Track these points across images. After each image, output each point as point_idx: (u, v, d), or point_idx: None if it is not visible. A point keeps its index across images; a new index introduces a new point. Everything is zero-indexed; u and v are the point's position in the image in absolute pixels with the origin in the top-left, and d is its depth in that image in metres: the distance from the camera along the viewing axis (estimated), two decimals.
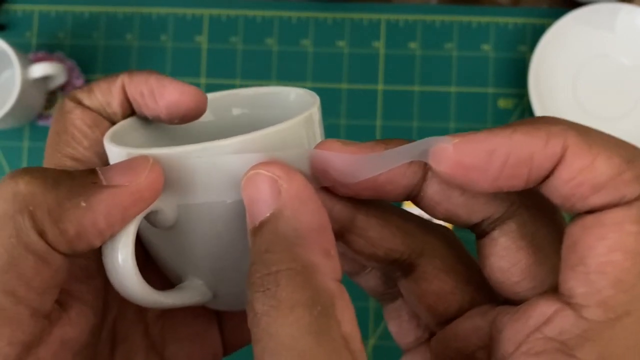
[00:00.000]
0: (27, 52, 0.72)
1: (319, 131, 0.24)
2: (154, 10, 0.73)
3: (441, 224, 0.24)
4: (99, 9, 0.73)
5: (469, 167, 0.19)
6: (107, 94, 0.25)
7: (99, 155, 0.25)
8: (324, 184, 0.21)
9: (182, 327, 0.27)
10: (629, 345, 0.18)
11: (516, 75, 0.71)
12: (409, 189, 0.21)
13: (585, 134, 0.19)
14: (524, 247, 0.21)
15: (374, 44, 0.72)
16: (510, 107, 0.71)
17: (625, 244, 0.18)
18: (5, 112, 0.63)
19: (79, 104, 0.25)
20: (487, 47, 0.72)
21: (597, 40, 0.70)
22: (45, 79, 0.68)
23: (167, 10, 0.73)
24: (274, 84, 0.73)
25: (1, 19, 0.73)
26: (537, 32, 0.71)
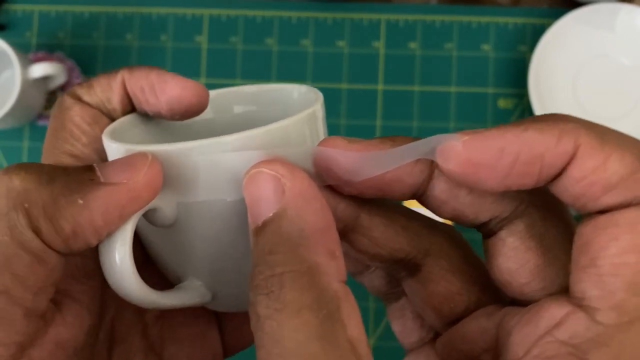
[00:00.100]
0: (27, 52, 0.72)
1: (323, 128, 0.23)
2: (154, 10, 0.73)
3: (444, 222, 0.24)
4: (99, 9, 0.73)
5: (478, 165, 0.19)
6: (107, 89, 0.25)
7: (98, 152, 0.24)
8: (327, 182, 0.21)
9: (181, 329, 0.27)
10: None
11: (516, 75, 0.71)
12: (415, 187, 0.21)
13: (597, 132, 0.18)
14: (532, 247, 0.20)
15: (374, 44, 0.72)
16: (510, 107, 0.71)
17: (639, 245, 0.18)
18: (5, 112, 0.63)
19: (79, 100, 0.25)
20: (487, 47, 0.72)
21: (597, 40, 0.70)
22: (45, 79, 0.68)
23: (167, 10, 0.73)
24: (274, 83, 0.72)
25: (1, 19, 0.73)
26: (537, 32, 0.71)
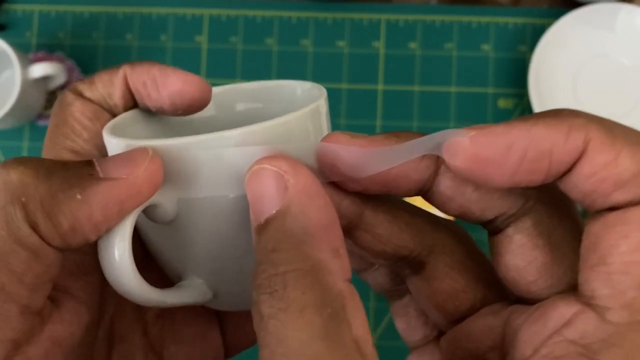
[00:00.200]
0: (27, 52, 0.72)
1: (326, 124, 0.23)
2: (154, 10, 0.73)
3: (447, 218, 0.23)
4: (99, 9, 0.73)
5: (486, 161, 0.18)
6: (108, 85, 0.24)
7: (99, 148, 0.24)
8: (331, 178, 0.21)
9: (181, 328, 0.26)
10: None
11: (516, 75, 0.71)
12: (421, 183, 0.20)
13: (608, 128, 0.18)
14: (540, 244, 0.20)
15: (374, 44, 0.72)
16: (510, 107, 0.71)
17: None
18: (5, 112, 0.63)
19: (80, 95, 0.24)
20: (487, 47, 0.72)
21: (597, 40, 0.70)
22: (45, 79, 0.68)
23: (167, 10, 0.73)
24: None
25: (1, 19, 0.73)
26: (537, 32, 0.71)
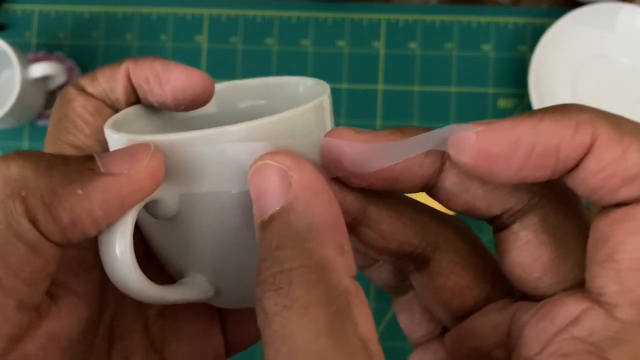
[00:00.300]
0: (27, 52, 0.72)
1: (330, 120, 0.23)
2: (154, 10, 0.73)
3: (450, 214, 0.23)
4: (99, 9, 0.73)
5: (492, 157, 0.18)
6: (110, 80, 0.24)
7: (101, 143, 0.24)
8: (334, 174, 0.20)
9: (183, 326, 0.26)
10: None
11: (516, 75, 0.71)
12: (426, 179, 0.20)
13: (616, 123, 0.18)
14: (546, 241, 0.20)
15: (374, 44, 0.72)
16: (510, 107, 0.71)
17: None
18: (5, 112, 0.63)
19: (82, 91, 0.24)
20: (487, 47, 0.72)
21: (597, 40, 0.70)
22: (45, 79, 0.68)
23: (167, 10, 0.73)
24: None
25: (1, 19, 0.73)
26: (537, 32, 0.71)
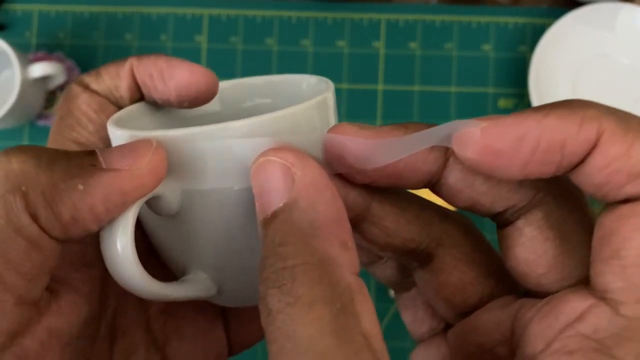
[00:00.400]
0: (27, 52, 0.72)
1: (333, 117, 0.23)
2: (154, 10, 0.73)
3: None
4: (99, 9, 0.73)
5: (497, 153, 0.18)
6: (114, 77, 0.24)
7: (104, 140, 0.24)
8: (338, 170, 0.20)
9: (185, 324, 0.26)
10: None
11: (516, 75, 0.71)
12: (429, 175, 0.20)
13: (622, 119, 0.18)
14: (550, 237, 0.20)
15: (374, 44, 0.72)
16: (510, 107, 0.71)
17: None
18: (5, 112, 0.63)
19: (86, 88, 0.24)
20: (487, 47, 0.72)
21: (597, 40, 0.70)
22: (44, 79, 0.68)
23: (167, 10, 0.73)
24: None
25: (1, 19, 0.73)
26: (537, 32, 0.71)
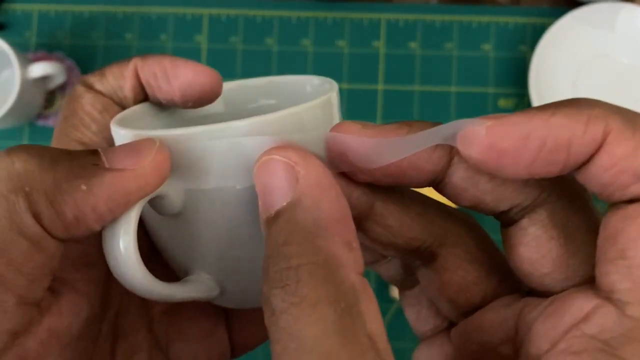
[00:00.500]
0: (27, 52, 0.72)
1: (337, 117, 0.23)
2: (154, 10, 0.73)
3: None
4: (99, 9, 0.73)
5: (502, 152, 0.18)
6: (119, 77, 0.24)
7: (108, 140, 0.24)
8: (341, 169, 0.20)
9: (188, 325, 0.26)
10: None
11: (516, 75, 0.71)
12: (433, 174, 0.20)
13: (628, 119, 0.18)
14: (555, 236, 0.20)
15: (374, 43, 0.72)
16: (510, 107, 0.71)
17: None
18: (4, 111, 0.63)
19: (90, 88, 0.24)
20: (487, 46, 0.72)
21: (598, 40, 0.70)
22: (44, 79, 0.68)
23: (167, 10, 0.73)
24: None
25: (1, 19, 0.73)
26: (538, 32, 0.71)
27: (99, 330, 0.24)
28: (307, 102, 0.21)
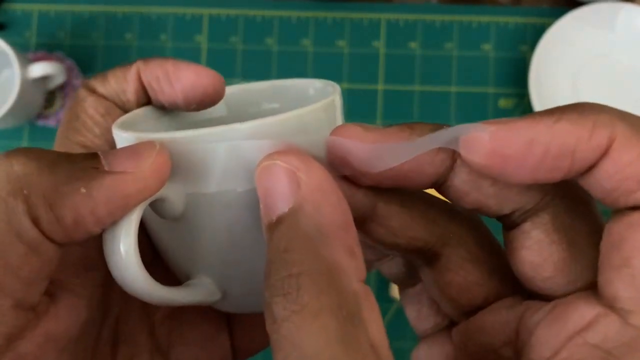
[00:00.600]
0: (27, 52, 0.72)
1: (340, 120, 0.23)
2: (154, 10, 0.73)
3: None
4: (99, 9, 0.73)
5: (506, 158, 0.17)
6: (121, 81, 0.24)
7: (110, 143, 0.24)
8: (343, 173, 0.20)
9: (189, 330, 0.26)
10: None
11: (517, 74, 0.71)
12: (435, 177, 0.20)
13: (634, 125, 0.17)
14: (557, 240, 0.19)
15: (374, 43, 0.72)
16: (510, 107, 0.71)
17: None
18: (4, 111, 0.63)
19: (93, 91, 0.24)
20: (487, 46, 0.72)
21: (598, 39, 0.70)
22: (44, 79, 0.68)
23: (167, 10, 0.73)
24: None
25: (1, 19, 0.73)
26: (538, 32, 0.71)
27: (99, 334, 0.24)
28: (311, 105, 0.21)
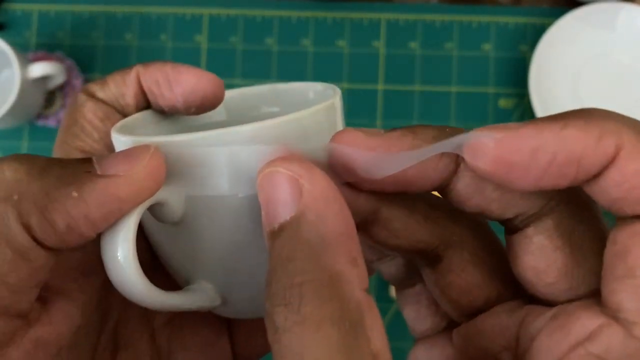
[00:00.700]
0: (26, 52, 0.72)
1: (341, 123, 0.22)
2: (154, 9, 0.73)
3: None
4: (99, 9, 0.73)
5: (511, 165, 0.17)
6: (121, 85, 0.24)
7: (110, 148, 0.24)
8: (345, 179, 0.20)
9: (190, 336, 0.26)
10: None
11: (517, 74, 0.71)
12: (438, 182, 0.20)
13: None
14: (560, 246, 0.19)
15: (374, 43, 0.72)
16: (510, 107, 0.71)
17: None
18: (4, 111, 0.63)
19: (92, 96, 0.24)
20: (487, 46, 0.72)
21: (598, 39, 0.70)
22: (44, 79, 0.68)
23: (167, 9, 0.73)
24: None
25: (1, 19, 0.73)
26: (538, 32, 0.71)
27: (98, 339, 0.23)
28: (311, 108, 0.20)
